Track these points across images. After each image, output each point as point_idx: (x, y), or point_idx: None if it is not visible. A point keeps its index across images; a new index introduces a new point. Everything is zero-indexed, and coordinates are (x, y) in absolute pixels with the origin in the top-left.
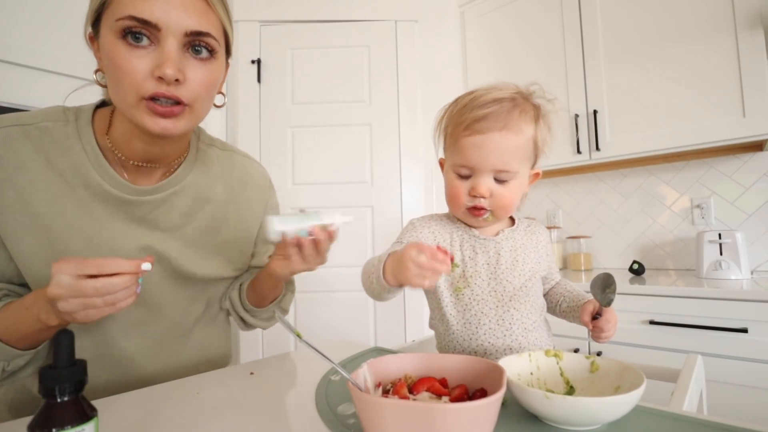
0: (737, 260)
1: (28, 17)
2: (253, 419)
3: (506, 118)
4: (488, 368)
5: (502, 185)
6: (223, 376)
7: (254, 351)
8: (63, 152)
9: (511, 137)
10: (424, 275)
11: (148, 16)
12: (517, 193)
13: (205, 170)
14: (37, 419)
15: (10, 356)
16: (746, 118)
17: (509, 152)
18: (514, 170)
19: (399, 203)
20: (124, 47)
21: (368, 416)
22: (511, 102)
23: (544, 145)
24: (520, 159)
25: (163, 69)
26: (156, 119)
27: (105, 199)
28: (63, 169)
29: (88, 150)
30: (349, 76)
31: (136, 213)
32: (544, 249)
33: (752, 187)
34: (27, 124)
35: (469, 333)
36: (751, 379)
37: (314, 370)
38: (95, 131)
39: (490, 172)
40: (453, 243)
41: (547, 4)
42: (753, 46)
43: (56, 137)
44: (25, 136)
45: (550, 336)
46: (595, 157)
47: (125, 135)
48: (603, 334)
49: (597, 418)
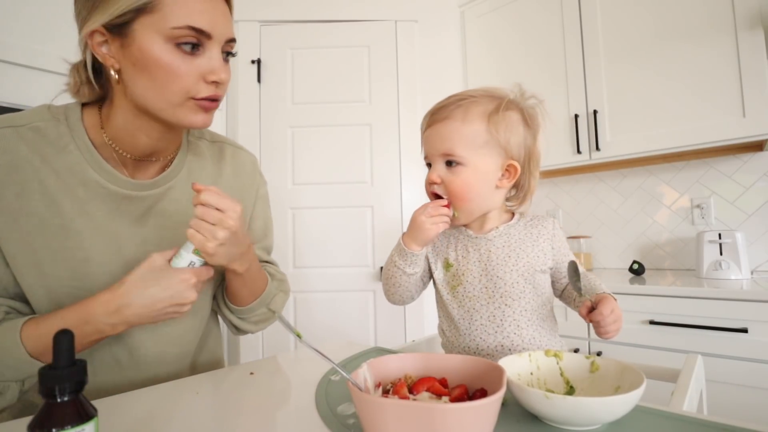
0: (737, 260)
1: (28, 17)
2: (253, 419)
3: (451, 110)
4: (488, 368)
5: (453, 172)
6: (223, 376)
7: (254, 351)
8: (58, 152)
9: (456, 125)
10: (435, 220)
11: (204, 26)
12: (471, 182)
13: (198, 162)
14: (37, 419)
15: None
16: (746, 118)
17: (451, 138)
18: (458, 155)
19: (399, 203)
20: (178, 54)
21: (368, 416)
22: (463, 97)
23: (511, 138)
24: (468, 146)
25: (220, 74)
26: (198, 115)
27: (104, 196)
28: (59, 168)
29: (83, 148)
30: (349, 76)
31: (137, 208)
32: (548, 242)
33: (752, 187)
34: (20, 125)
35: (464, 330)
36: (751, 379)
37: (314, 370)
38: (87, 129)
39: (439, 159)
40: (449, 244)
41: (547, 4)
42: (753, 46)
43: (50, 137)
44: (19, 137)
45: (554, 333)
46: (595, 157)
47: (128, 130)
48: (601, 329)
49: (597, 418)
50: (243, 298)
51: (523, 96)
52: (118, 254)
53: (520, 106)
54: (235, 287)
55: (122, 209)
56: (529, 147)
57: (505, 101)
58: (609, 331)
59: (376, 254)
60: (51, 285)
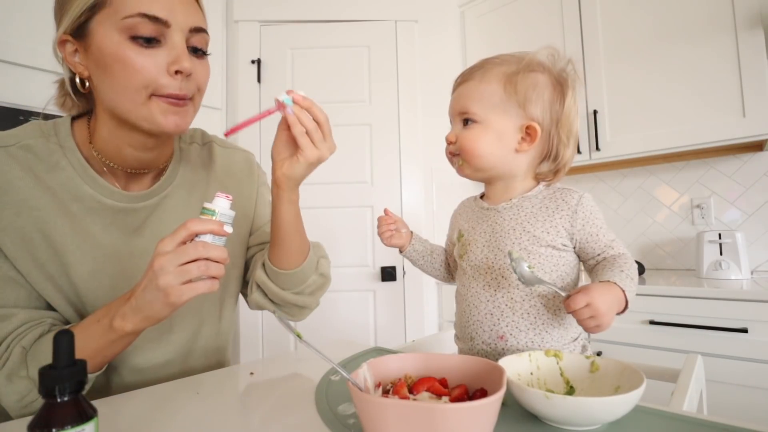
0: (737, 260)
1: (25, 16)
2: (253, 419)
3: (474, 72)
4: (488, 368)
5: (466, 130)
6: (223, 376)
7: (254, 351)
8: (50, 169)
9: (474, 84)
10: (385, 235)
11: (157, 13)
12: (482, 139)
13: (190, 168)
14: (37, 419)
15: None
16: (746, 118)
17: (468, 95)
18: (472, 112)
19: (399, 203)
20: (133, 46)
21: (368, 416)
22: (490, 61)
23: (532, 97)
24: (482, 104)
25: (182, 62)
26: (168, 116)
27: (99, 210)
28: (52, 185)
29: (75, 163)
30: (349, 76)
31: (133, 221)
32: (567, 217)
33: (752, 187)
34: (9, 145)
35: (461, 298)
36: (751, 379)
37: (314, 370)
38: (77, 143)
39: (457, 119)
40: (465, 215)
41: (547, 5)
42: (753, 46)
43: (41, 154)
44: (10, 157)
45: (555, 312)
46: (595, 157)
47: (113, 143)
48: (580, 323)
49: (597, 418)
50: (293, 253)
51: (556, 60)
52: (118, 267)
53: (549, 69)
54: (289, 227)
55: (118, 222)
56: (557, 111)
57: (526, 61)
58: (589, 326)
59: (376, 254)
60: (68, 297)
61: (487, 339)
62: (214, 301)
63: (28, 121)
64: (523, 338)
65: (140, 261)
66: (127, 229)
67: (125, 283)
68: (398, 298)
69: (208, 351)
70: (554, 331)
